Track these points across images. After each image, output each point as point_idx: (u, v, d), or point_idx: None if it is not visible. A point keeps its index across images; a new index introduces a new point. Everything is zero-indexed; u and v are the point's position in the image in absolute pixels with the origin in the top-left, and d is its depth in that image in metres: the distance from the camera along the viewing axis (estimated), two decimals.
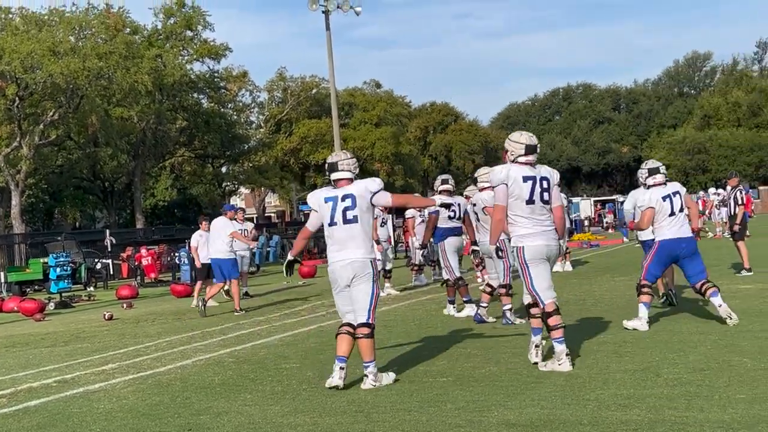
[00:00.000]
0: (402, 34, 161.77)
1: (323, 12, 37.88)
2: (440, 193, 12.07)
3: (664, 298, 11.69)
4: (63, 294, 21.14)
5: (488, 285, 11.53)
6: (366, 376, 7.33)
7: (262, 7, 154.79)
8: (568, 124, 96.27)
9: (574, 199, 52.45)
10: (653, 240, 10.12)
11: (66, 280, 21.60)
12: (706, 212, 32.00)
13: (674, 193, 9.89)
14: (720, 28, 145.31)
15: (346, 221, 7.41)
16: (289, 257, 8.00)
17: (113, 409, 7.22)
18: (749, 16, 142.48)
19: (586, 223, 48.26)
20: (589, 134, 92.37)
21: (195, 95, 49.20)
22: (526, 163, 7.80)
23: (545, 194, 7.72)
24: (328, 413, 6.47)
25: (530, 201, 7.64)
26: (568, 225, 19.46)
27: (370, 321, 7.35)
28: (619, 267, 16.93)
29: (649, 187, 10.14)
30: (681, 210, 9.82)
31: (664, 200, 9.80)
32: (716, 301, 9.46)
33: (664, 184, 10.00)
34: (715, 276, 14.88)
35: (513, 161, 7.85)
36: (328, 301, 10.03)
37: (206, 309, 15.18)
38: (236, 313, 14.88)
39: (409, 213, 18.98)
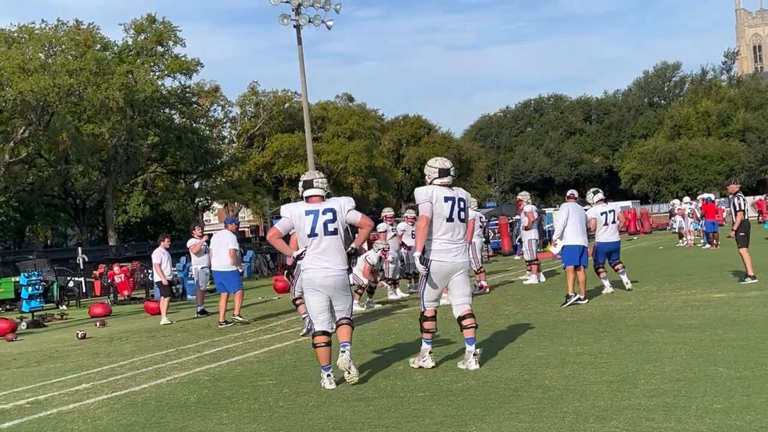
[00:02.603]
0: (374, 47, 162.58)
1: (295, 27, 37.82)
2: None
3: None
4: (35, 313, 20.92)
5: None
6: (343, 352, 8.13)
7: (234, 22, 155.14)
8: (540, 136, 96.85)
9: (548, 210, 52.63)
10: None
11: (38, 299, 21.39)
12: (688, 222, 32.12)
13: (610, 211, 15.05)
14: (688, 38, 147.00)
15: (327, 233, 8.17)
16: (295, 254, 8.42)
17: (87, 430, 7.14)
18: (717, 26, 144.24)
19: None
20: (561, 145, 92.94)
21: (166, 111, 49.01)
22: (442, 185, 8.60)
23: (462, 213, 8.60)
24: (306, 430, 6.42)
25: (450, 219, 8.48)
26: (536, 237, 19.47)
27: (351, 317, 8.43)
28: (591, 277, 16.93)
29: (593, 205, 14.81)
30: (613, 222, 15.01)
31: (602, 215, 14.89)
32: (624, 278, 15.04)
33: (605, 202, 15.07)
34: (688, 286, 15.08)
35: (430, 184, 8.68)
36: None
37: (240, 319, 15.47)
38: (220, 325, 15.14)
39: (381, 227, 18.99)
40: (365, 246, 18.09)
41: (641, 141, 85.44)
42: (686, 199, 35.29)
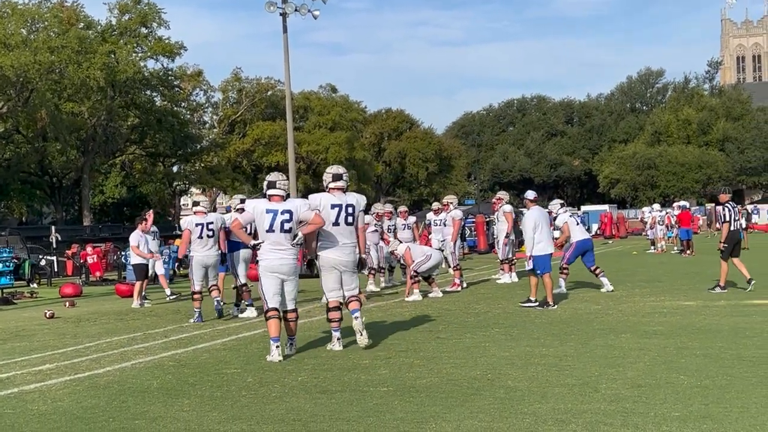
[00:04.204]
0: (359, 39, 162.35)
1: (281, 14, 37.74)
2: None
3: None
4: (5, 290, 20.76)
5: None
6: (291, 345, 9.67)
7: (219, 7, 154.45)
8: (521, 136, 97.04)
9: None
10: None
11: (8, 276, 21.20)
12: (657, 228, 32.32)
13: (571, 214, 16.43)
14: (673, 46, 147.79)
15: (282, 230, 9.45)
16: (252, 243, 9.89)
17: (47, 411, 7.09)
18: (702, 36, 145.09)
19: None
20: (542, 146, 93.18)
21: (148, 93, 48.73)
22: (335, 189, 9.84)
23: (349, 218, 9.77)
24: (266, 421, 6.41)
25: (336, 224, 9.67)
26: (512, 237, 19.50)
27: (296, 308, 9.72)
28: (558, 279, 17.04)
29: (559, 213, 16.25)
30: (582, 223, 16.70)
31: (570, 217, 16.21)
32: (604, 280, 15.81)
33: (567, 210, 16.55)
34: (658, 292, 15.19)
35: (326, 188, 9.91)
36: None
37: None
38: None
39: (366, 218, 19.12)
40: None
41: (621, 146, 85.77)
42: (656, 206, 35.50)
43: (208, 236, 13.99)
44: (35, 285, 25.72)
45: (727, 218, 15.11)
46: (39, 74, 35.57)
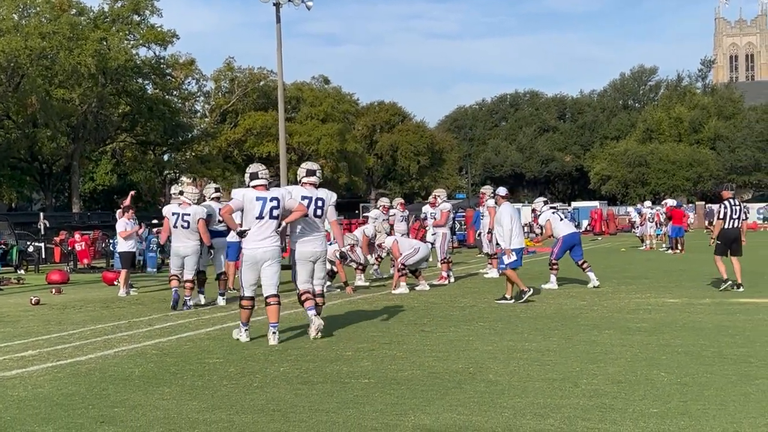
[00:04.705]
0: (353, 31, 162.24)
1: (274, 4, 37.69)
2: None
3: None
4: None
5: (187, 281, 13.99)
6: (274, 333, 9.68)
7: None
8: (513, 131, 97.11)
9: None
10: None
11: None
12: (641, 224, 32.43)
13: (554, 211, 16.40)
14: (667, 44, 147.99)
15: (272, 217, 9.80)
16: (239, 230, 9.96)
17: (27, 397, 7.08)
18: (696, 34, 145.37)
19: (526, 229, 48.64)
20: (534, 141, 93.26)
21: (139, 81, 48.59)
22: (308, 183, 10.30)
23: (318, 211, 10.24)
24: (246, 411, 6.41)
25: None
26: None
27: (277, 292, 9.84)
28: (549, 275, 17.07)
29: (542, 211, 16.39)
30: (572, 219, 15.67)
31: (553, 214, 16.23)
32: (591, 275, 15.88)
33: (549, 207, 16.53)
34: (643, 289, 15.23)
35: (299, 181, 10.41)
36: (258, 297, 10.06)
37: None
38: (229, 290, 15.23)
39: (374, 213, 19.96)
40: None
41: (613, 142, 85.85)
42: (647, 203, 35.58)
43: (182, 227, 14.07)
44: (23, 271, 25.65)
45: (721, 216, 14.90)
46: (30, 60, 35.45)
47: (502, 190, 14.72)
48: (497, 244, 15.62)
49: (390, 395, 6.83)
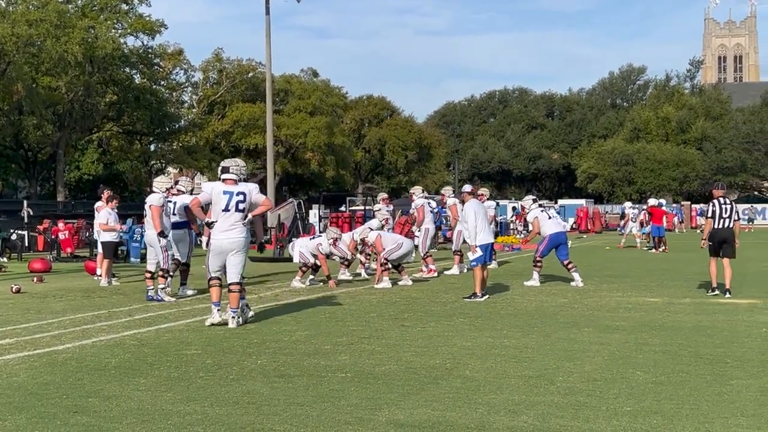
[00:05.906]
0: (343, 24, 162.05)
1: None
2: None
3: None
4: None
5: (147, 271, 14.27)
6: (233, 317, 10.40)
7: None
8: (502, 127, 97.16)
9: (501, 202, 52.85)
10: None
11: None
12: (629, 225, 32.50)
13: (543, 209, 16.50)
14: (656, 44, 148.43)
15: (237, 210, 10.57)
16: (207, 220, 10.84)
17: (1, 386, 7.06)
18: (685, 34, 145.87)
19: (512, 226, 48.70)
20: (522, 138, 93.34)
21: (127, 70, 48.36)
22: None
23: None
24: (220, 403, 6.40)
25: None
26: (494, 228, 19.65)
27: (240, 281, 10.57)
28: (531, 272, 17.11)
29: (531, 209, 16.29)
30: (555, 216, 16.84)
31: (542, 212, 16.29)
32: (576, 275, 15.72)
33: (540, 206, 16.61)
34: (624, 288, 15.28)
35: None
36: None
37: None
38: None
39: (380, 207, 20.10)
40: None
41: (600, 141, 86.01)
42: (628, 204, 35.83)
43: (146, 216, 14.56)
44: (5, 259, 25.52)
45: (710, 214, 14.21)
46: (16, 47, 35.24)
47: (467, 187, 15.23)
48: (464, 241, 15.64)
49: (366, 390, 6.83)
